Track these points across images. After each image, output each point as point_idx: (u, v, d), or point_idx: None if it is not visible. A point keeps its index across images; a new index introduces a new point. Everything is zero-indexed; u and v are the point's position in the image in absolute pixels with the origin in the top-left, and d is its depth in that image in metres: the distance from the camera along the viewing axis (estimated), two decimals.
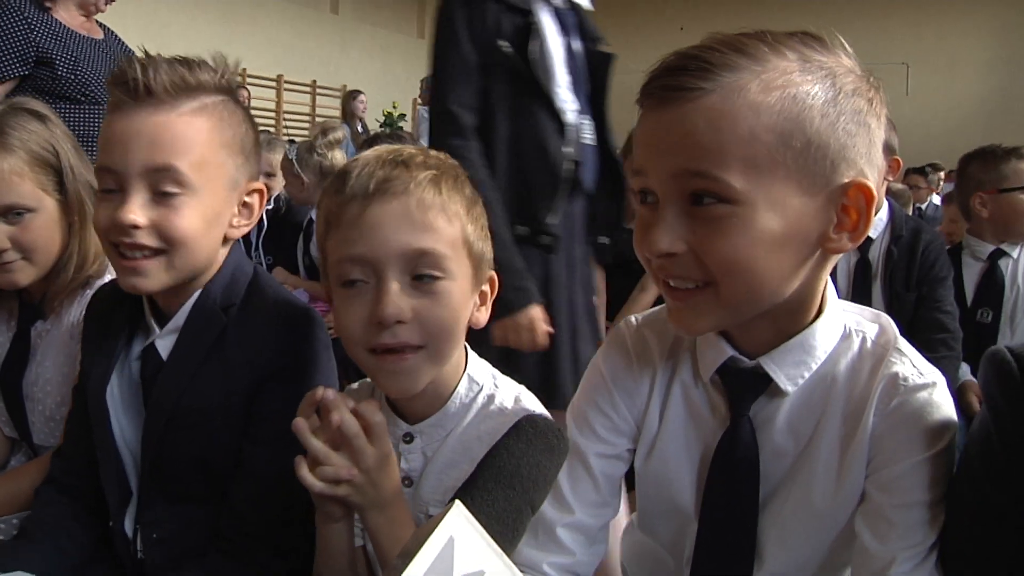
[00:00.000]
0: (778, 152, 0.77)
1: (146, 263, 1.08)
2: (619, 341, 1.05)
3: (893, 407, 0.86)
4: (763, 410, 0.92)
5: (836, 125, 0.79)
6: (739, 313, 0.86)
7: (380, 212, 0.92)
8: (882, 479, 0.86)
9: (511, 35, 1.79)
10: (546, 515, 0.99)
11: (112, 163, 1.06)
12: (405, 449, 1.03)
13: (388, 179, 0.93)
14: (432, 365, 0.96)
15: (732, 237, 0.79)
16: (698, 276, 0.82)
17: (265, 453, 1.11)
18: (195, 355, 1.13)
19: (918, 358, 0.90)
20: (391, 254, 0.92)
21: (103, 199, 1.09)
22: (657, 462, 0.99)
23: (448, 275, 0.94)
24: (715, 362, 0.93)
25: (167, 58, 1.09)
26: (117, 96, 1.07)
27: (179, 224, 1.07)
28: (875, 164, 0.83)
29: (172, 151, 1.06)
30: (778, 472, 0.92)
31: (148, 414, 1.14)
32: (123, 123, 1.06)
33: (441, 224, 0.94)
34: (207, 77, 1.11)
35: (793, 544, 0.91)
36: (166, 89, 1.06)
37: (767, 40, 0.80)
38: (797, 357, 0.90)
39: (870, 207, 0.81)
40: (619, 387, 1.01)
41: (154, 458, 1.14)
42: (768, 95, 0.77)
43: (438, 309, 0.94)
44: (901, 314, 2.20)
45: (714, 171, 0.77)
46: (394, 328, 0.92)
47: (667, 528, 1.01)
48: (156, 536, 1.15)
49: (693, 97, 0.78)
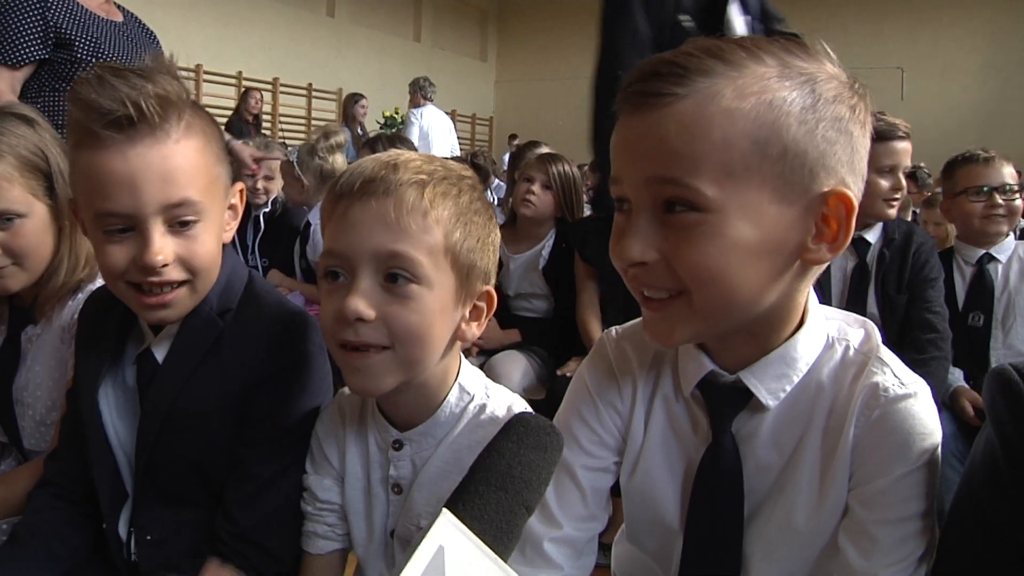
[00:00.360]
0: (753, 159, 0.76)
1: (172, 296, 1.08)
2: (601, 354, 1.03)
3: (874, 419, 0.84)
4: (746, 425, 0.91)
5: (815, 132, 0.77)
6: (714, 323, 0.84)
7: (360, 211, 0.93)
8: (864, 494, 0.84)
9: (693, 10, 1.77)
10: (533, 530, 0.97)
11: (121, 207, 1.02)
12: (394, 456, 1.03)
13: (373, 179, 0.93)
14: (399, 369, 0.95)
15: (703, 245, 0.77)
16: (671, 285, 0.81)
17: (259, 456, 1.11)
18: (191, 359, 1.13)
19: (900, 367, 0.88)
20: (364, 253, 0.92)
21: (111, 240, 1.05)
22: (641, 477, 0.97)
23: (422, 281, 0.93)
24: (695, 377, 0.92)
25: (124, 73, 1.03)
26: (99, 131, 1.01)
27: (201, 252, 1.08)
28: (858, 172, 0.82)
29: (185, 184, 1.05)
30: (763, 486, 0.90)
31: (143, 417, 1.14)
32: (121, 162, 1.01)
33: (416, 228, 0.92)
34: (176, 87, 1.07)
35: (779, 559, 0.89)
36: (156, 114, 1.02)
37: (746, 46, 0.79)
38: (778, 370, 0.88)
39: (850, 217, 0.79)
40: (603, 400, 1.00)
41: (149, 460, 1.14)
42: (743, 101, 0.76)
43: (407, 313, 0.93)
44: (894, 316, 2.21)
45: (685, 178, 0.76)
46: (357, 326, 0.92)
47: (653, 541, 1.00)
48: (150, 538, 1.16)
49: (667, 103, 0.77)
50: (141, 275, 1.05)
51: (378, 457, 1.06)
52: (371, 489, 1.06)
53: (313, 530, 1.09)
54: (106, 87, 1.01)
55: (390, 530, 1.06)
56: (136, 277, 1.05)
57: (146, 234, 1.03)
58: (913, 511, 0.83)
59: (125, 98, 1.00)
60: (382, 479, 1.05)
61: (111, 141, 1.01)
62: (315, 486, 1.09)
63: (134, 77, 1.03)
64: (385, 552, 1.07)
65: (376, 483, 1.06)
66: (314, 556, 1.10)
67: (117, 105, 1.00)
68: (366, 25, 13.00)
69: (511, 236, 3.04)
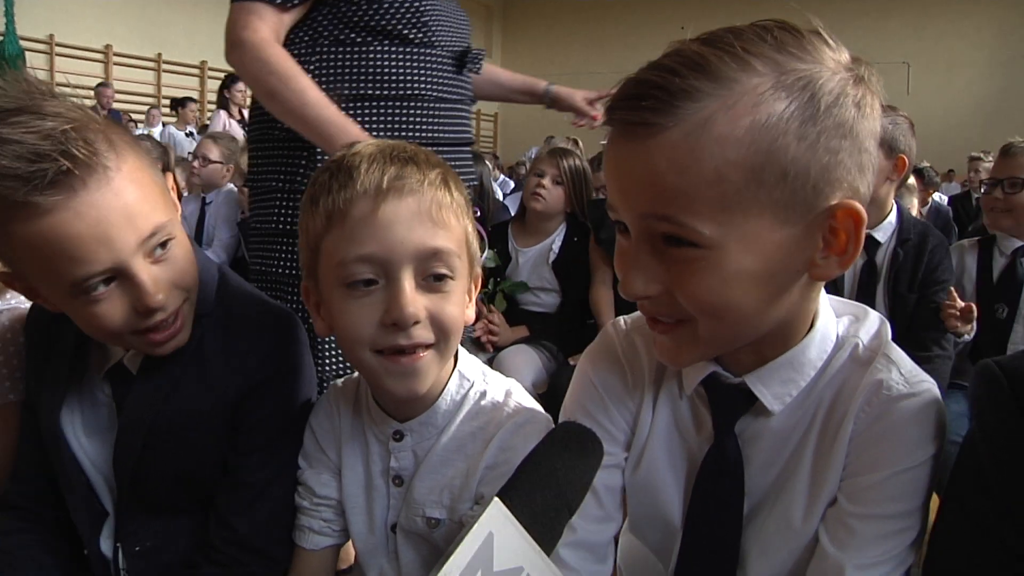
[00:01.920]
0: (749, 190, 0.71)
1: (180, 322, 1.03)
2: (608, 346, 1.01)
3: (873, 416, 0.82)
4: (750, 426, 0.89)
5: (816, 145, 0.71)
6: (722, 346, 0.83)
7: (395, 209, 0.89)
8: (852, 487, 0.83)
9: None
10: None
11: (100, 265, 0.92)
12: (395, 447, 1.02)
13: (401, 176, 0.91)
14: (440, 363, 0.96)
15: (704, 279, 0.74)
16: (678, 314, 0.79)
17: (253, 461, 1.08)
18: (170, 369, 1.06)
19: (908, 366, 0.85)
20: (407, 252, 0.89)
21: (98, 301, 0.94)
22: (644, 472, 0.96)
23: (455, 273, 0.93)
24: (697, 377, 0.90)
25: (13, 121, 0.88)
26: (36, 200, 0.86)
27: (188, 269, 1.03)
28: (866, 170, 0.77)
29: (149, 211, 0.96)
30: (764, 486, 0.89)
31: (121, 432, 1.08)
32: (79, 220, 0.89)
33: (453, 223, 0.93)
34: (78, 110, 0.94)
35: (774, 555, 0.88)
36: (88, 153, 0.90)
37: (735, 52, 0.71)
38: (786, 375, 0.86)
39: (860, 229, 0.75)
40: (611, 394, 0.98)
41: (132, 475, 1.09)
42: (735, 127, 0.70)
43: (448, 307, 0.93)
44: (903, 315, 2.20)
45: (680, 216, 0.72)
46: (411, 329, 0.90)
47: (654, 535, 0.99)
48: (139, 549, 1.12)
49: (654, 133, 0.71)
50: (143, 320, 0.97)
51: (378, 449, 1.05)
52: (371, 482, 1.05)
53: (308, 525, 1.08)
54: (7, 143, 0.86)
55: (391, 523, 1.05)
56: (139, 324, 0.97)
57: (133, 279, 0.94)
58: (896, 510, 0.81)
59: (44, 149, 0.87)
60: (382, 471, 1.04)
61: (54, 204, 0.87)
62: (312, 481, 1.07)
63: (26, 117, 0.89)
64: (386, 546, 1.06)
65: (376, 476, 1.05)
66: (308, 551, 1.08)
67: (41, 162, 0.86)
68: None
69: (520, 230, 3.05)
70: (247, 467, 1.08)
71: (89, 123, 0.93)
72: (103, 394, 1.11)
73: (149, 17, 9.90)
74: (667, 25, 12.88)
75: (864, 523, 0.81)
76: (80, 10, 9.36)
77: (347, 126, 1.54)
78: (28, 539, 1.14)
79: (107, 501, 1.13)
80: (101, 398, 1.11)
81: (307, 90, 1.55)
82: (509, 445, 0.98)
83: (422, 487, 1.00)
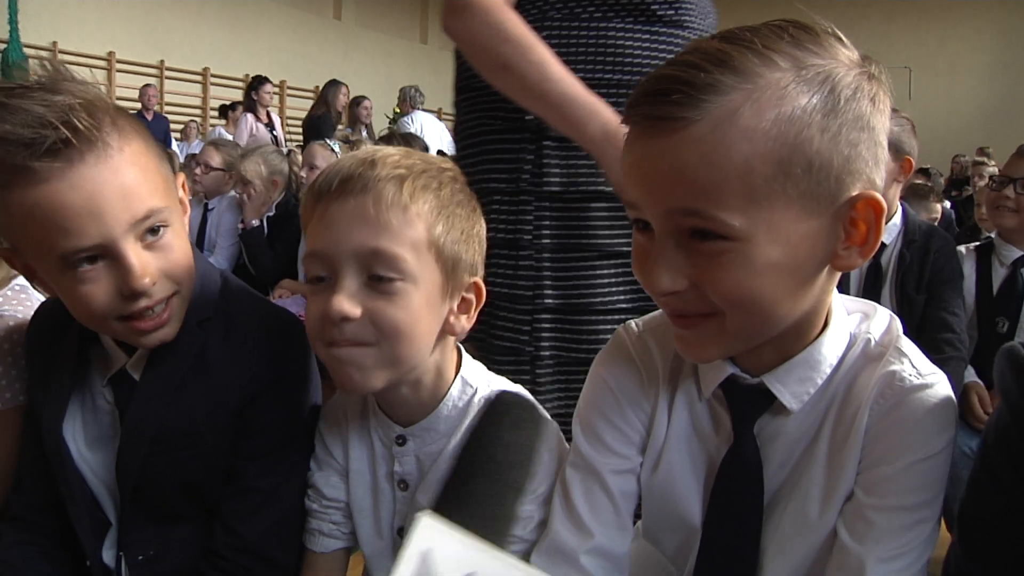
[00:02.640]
0: (776, 182, 0.72)
1: (167, 313, 1.01)
2: (621, 348, 1.00)
3: (888, 407, 0.83)
4: (768, 426, 0.89)
5: (838, 138, 0.73)
6: (748, 340, 0.83)
7: (338, 210, 0.91)
8: (869, 479, 0.83)
9: None
10: (567, 544, 0.94)
11: (89, 239, 0.92)
12: (398, 452, 1.02)
13: (350, 177, 0.92)
14: (386, 365, 0.94)
15: (734, 271, 0.75)
16: (704, 309, 0.79)
17: (258, 467, 1.07)
18: (174, 375, 1.06)
19: (919, 358, 0.86)
20: (345, 252, 0.90)
21: (84, 280, 0.94)
22: (663, 475, 0.95)
23: (407, 277, 0.91)
24: (715, 380, 0.90)
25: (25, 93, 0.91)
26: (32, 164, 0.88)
27: (180, 259, 1.02)
28: (880, 163, 0.78)
29: (146, 194, 0.96)
30: (780, 482, 0.90)
31: (124, 441, 1.07)
32: (72, 191, 0.90)
33: (397, 223, 0.91)
34: (92, 90, 0.96)
35: (792, 551, 0.88)
36: (91, 127, 0.91)
37: (756, 48, 0.73)
38: (802, 374, 0.86)
39: (880, 218, 0.76)
40: (626, 396, 0.97)
41: (136, 483, 1.08)
42: (761, 119, 0.71)
43: (392, 310, 0.91)
44: (911, 316, 2.18)
45: (709, 210, 0.72)
46: (342, 326, 0.90)
47: (672, 540, 0.98)
48: (142, 557, 1.10)
49: (680, 127, 0.72)
50: (129, 305, 0.96)
51: (383, 453, 1.05)
52: (377, 485, 1.06)
53: (318, 528, 1.08)
54: (16, 112, 0.88)
55: (397, 527, 1.05)
56: (124, 309, 0.96)
57: (122, 259, 0.93)
58: (915, 501, 0.82)
59: (49, 118, 0.88)
60: (387, 475, 1.04)
61: (50, 172, 0.88)
62: (321, 483, 1.08)
63: (40, 92, 0.91)
64: (393, 550, 1.06)
65: (382, 479, 1.05)
66: (318, 554, 1.08)
67: (43, 129, 0.87)
68: (373, 28, 13.03)
69: None
70: (252, 473, 1.07)
71: (99, 103, 0.94)
72: (105, 401, 1.10)
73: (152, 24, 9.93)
74: None
75: (883, 515, 0.81)
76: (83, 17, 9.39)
77: (598, 108, 1.25)
78: (31, 551, 1.12)
79: (109, 510, 1.12)
80: (103, 405, 1.10)
81: (549, 63, 1.27)
82: None
83: (429, 494, 1.00)
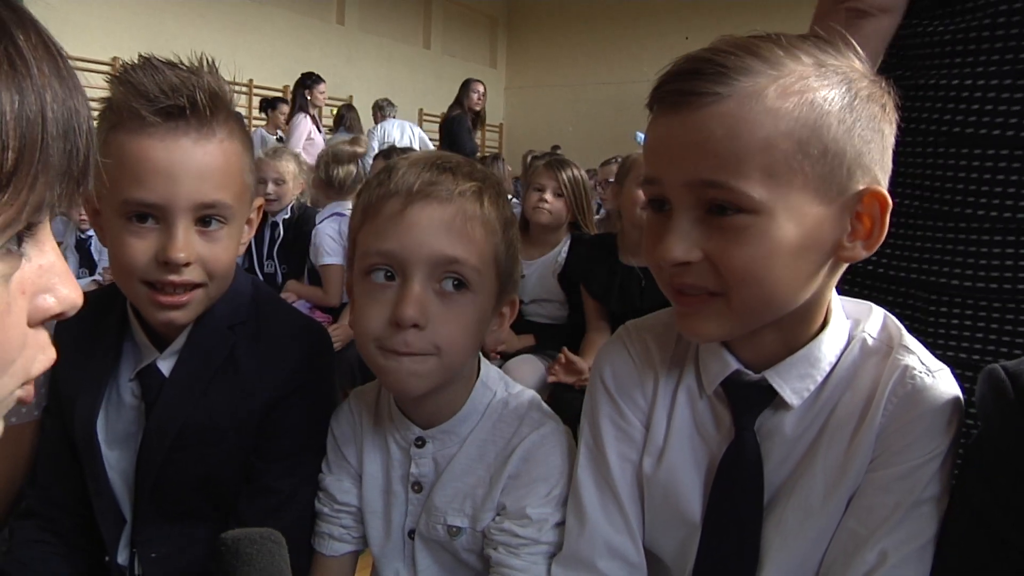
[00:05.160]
0: (795, 160, 0.76)
1: (188, 297, 1.04)
2: (619, 348, 1.02)
3: (903, 405, 0.85)
4: (768, 421, 0.91)
5: (852, 131, 0.78)
6: (750, 321, 0.85)
7: (420, 213, 0.93)
8: (884, 478, 0.84)
9: None
10: (583, 551, 0.96)
11: (154, 197, 0.99)
12: (416, 453, 1.04)
13: (433, 182, 0.93)
14: (440, 372, 0.96)
15: (750, 247, 0.78)
16: (712, 284, 0.81)
17: (279, 469, 1.10)
18: (203, 374, 1.09)
19: (926, 354, 0.89)
20: (422, 256, 0.92)
21: (133, 232, 1.01)
22: (665, 472, 0.97)
23: (473, 288, 0.94)
24: (719, 375, 0.92)
25: (175, 65, 1.02)
26: (146, 115, 0.98)
27: (223, 257, 1.06)
28: (887, 170, 0.83)
29: (220, 184, 1.03)
30: (782, 478, 0.91)
31: (147, 436, 1.10)
32: (163, 151, 0.98)
33: (478, 236, 0.94)
34: (225, 89, 1.05)
35: (794, 547, 0.90)
36: (208, 110, 1.00)
37: (781, 43, 0.79)
38: (803, 370, 0.88)
39: (884, 214, 0.80)
40: (624, 396, 0.99)
41: (156, 480, 1.10)
42: (785, 100, 0.76)
43: (456, 318, 0.94)
44: None
45: (732, 181, 0.76)
46: (407, 333, 0.92)
47: (672, 540, 0.99)
48: (155, 555, 1.12)
49: (708, 102, 0.76)
50: (160, 272, 1.01)
51: (398, 455, 1.06)
52: (390, 488, 1.07)
53: (328, 532, 1.09)
54: (159, 73, 0.98)
55: (408, 530, 1.06)
56: (153, 275, 1.02)
57: (173, 228, 1.00)
58: (929, 494, 0.83)
59: (179, 87, 0.98)
60: (402, 477, 1.06)
61: (156, 128, 0.98)
62: (333, 488, 1.09)
63: (186, 71, 1.01)
64: (403, 551, 1.07)
65: (396, 481, 1.06)
66: (327, 558, 1.10)
67: (169, 92, 0.97)
68: (376, 33, 13.04)
69: (524, 243, 3.04)
70: (273, 474, 1.10)
71: (224, 98, 1.03)
72: (132, 396, 1.13)
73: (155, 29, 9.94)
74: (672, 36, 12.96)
75: (899, 509, 0.83)
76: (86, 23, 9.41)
77: None
78: (48, 550, 1.16)
79: (125, 507, 1.14)
80: (128, 400, 1.13)
81: None
82: (532, 455, 1.00)
83: (443, 495, 1.02)
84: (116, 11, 9.76)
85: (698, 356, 0.96)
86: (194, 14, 10.02)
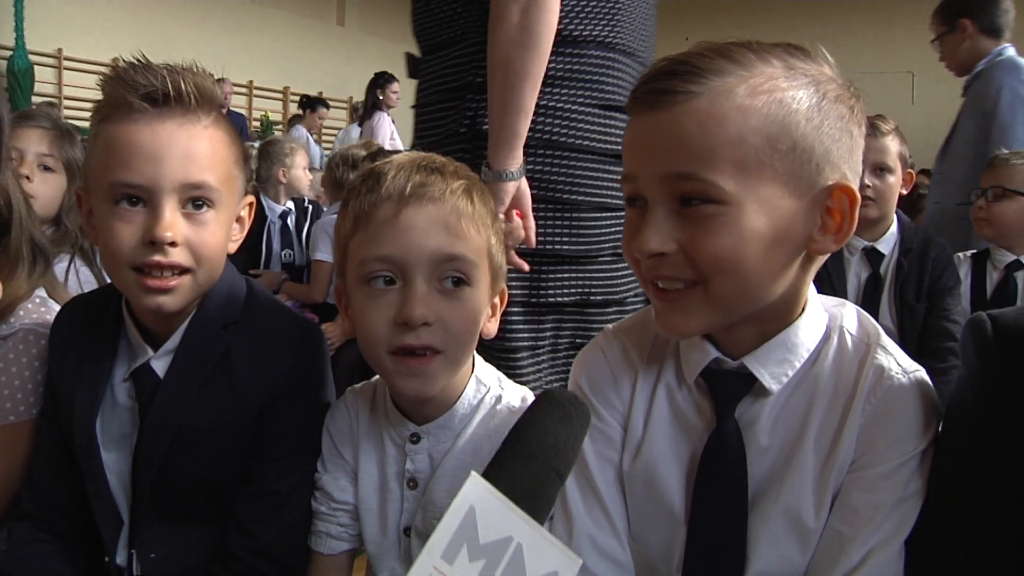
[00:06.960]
0: (765, 154, 0.80)
1: (175, 282, 1.04)
2: (595, 352, 1.04)
3: (880, 404, 0.87)
4: (748, 410, 0.92)
5: (820, 129, 0.82)
6: (728, 313, 0.87)
7: (416, 215, 0.94)
8: (867, 478, 0.86)
9: None
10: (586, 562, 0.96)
11: (140, 179, 1.01)
12: (411, 449, 1.04)
13: (424, 184, 0.95)
14: (449, 369, 0.98)
15: (722, 236, 0.81)
16: (688, 275, 0.84)
17: (276, 470, 1.10)
18: (198, 375, 1.09)
19: (900, 354, 0.91)
20: (422, 257, 0.93)
21: (120, 217, 1.02)
22: (644, 466, 0.97)
23: (472, 282, 0.96)
24: (699, 364, 0.93)
25: (167, 66, 1.05)
26: (133, 102, 1.01)
27: (210, 241, 1.06)
28: (856, 170, 0.86)
29: (206, 167, 1.04)
30: (766, 471, 0.92)
31: (143, 436, 1.10)
32: (149, 135, 1.01)
33: (472, 233, 0.96)
34: (214, 89, 1.08)
35: (782, 542, 0.90)
36: (193, 99, 1.03)
37: (753, 48, 0.83)
38: (780, 355, 0.90)
39: (853, 209, 0.84)
40: (600, 398, 1.00)
41: (152, 481, 1.09)
42: (755, 99, 0.80)
43: (461, 314, 0.96)
44: (912, 325, 2.21)
45: (703, 173, 0.80)
46: (419, 330, 0.93)
47: (657, 535, 0.99)
48: (154, 556, 1.12)
49: (682, 100, 0.80)
50: (147, 254, 1.02)
51: (393, 452, 1.06)
52: (386, 484, 1.07)
53: (326, 530, 1.09)
54: (148, 69, 1.03)
55: (403, 527, 1.06)
56: (141, 257, 1.02)
57: (159, 209, 1.01)
58: (911, 491, 0.86)
59: (164, 77, 1.02)
60: (397, 473, 1.06)
61: (142, 113, 1.01)
62: (330, 486, 1.09)
63: (176, 69, 1.05)
64: (398, 549, 1.07)
65: (391, 478, 1.06)
66: (324, 556, 1.10)
67: (155, 81, 1.01)
68: (376, 34, 13.05)
69: None
70: (270, 475, 1.10)
71: (210, 92, 1.06)
72: (126, 396, 1.12)
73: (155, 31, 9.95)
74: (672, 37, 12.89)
75: (882, 510, 0.85)
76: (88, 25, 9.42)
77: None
78: (46, 549, 1.15)
79: (122, 508, 1.13)
80: (123, 401, 1.13)
81: None
82: None
83: (439, 490, 1.02)
84: (116, 12, 9.76)
85: (678, 351, 0.97)
86: (194, 15, 10.03)
